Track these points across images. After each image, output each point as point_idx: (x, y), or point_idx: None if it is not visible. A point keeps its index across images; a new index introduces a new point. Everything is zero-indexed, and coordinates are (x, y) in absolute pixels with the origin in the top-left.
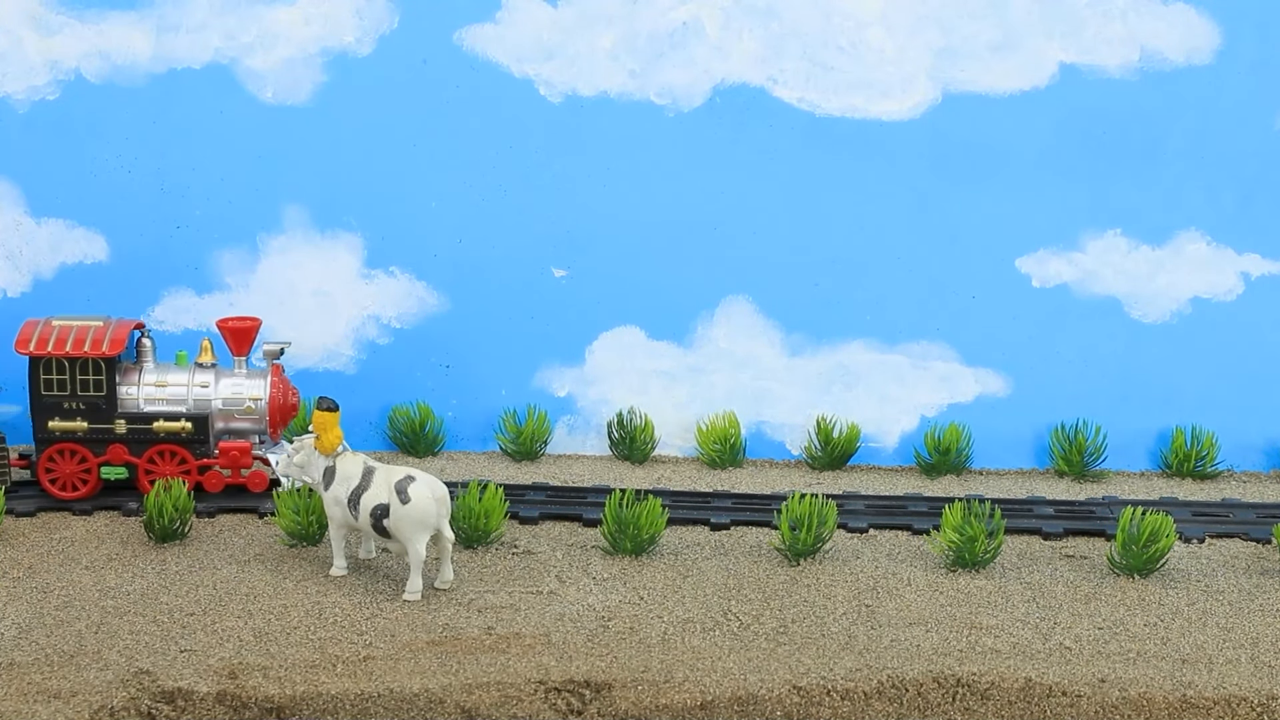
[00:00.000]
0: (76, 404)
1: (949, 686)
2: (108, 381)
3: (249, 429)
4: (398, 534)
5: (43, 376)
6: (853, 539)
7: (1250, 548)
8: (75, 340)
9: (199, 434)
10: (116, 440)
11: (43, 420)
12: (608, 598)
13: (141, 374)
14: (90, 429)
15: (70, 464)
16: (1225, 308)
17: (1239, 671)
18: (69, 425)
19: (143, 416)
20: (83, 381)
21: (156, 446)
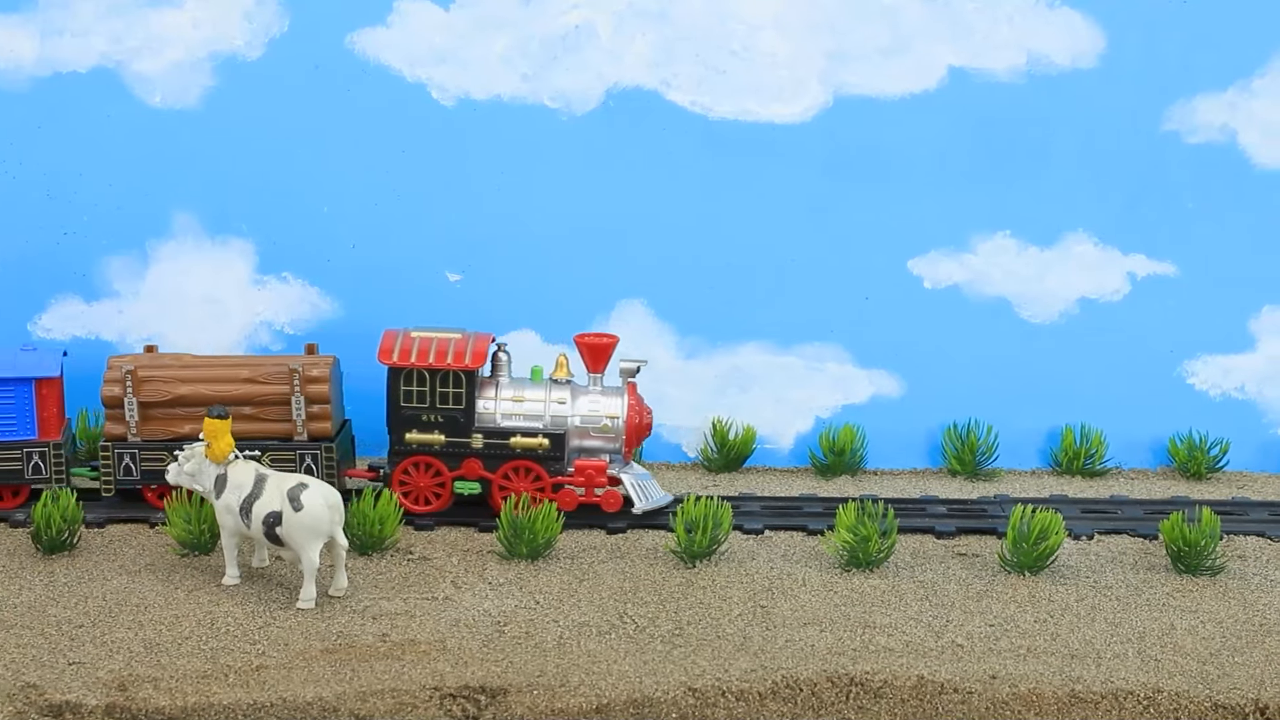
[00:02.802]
0: (435, 416)
1: (843, 686)
2: (467, 395)
3: (603, 448)
4: (291, 542)
5: (403, 388)
6: (748, 540)
7: (1137, 544)
8: (437, 352)
9: (555, 451)
10: (472, 455)
11: (400, 432)
12: (503, 602)
13: (499, 388)
14: (447, 442)
15: (425, 477)
16: (1112, 308)
17: (1126, 666)
18: (426, 438)
19: (500, 432)
20: (442, 394)
21: (512, 462)
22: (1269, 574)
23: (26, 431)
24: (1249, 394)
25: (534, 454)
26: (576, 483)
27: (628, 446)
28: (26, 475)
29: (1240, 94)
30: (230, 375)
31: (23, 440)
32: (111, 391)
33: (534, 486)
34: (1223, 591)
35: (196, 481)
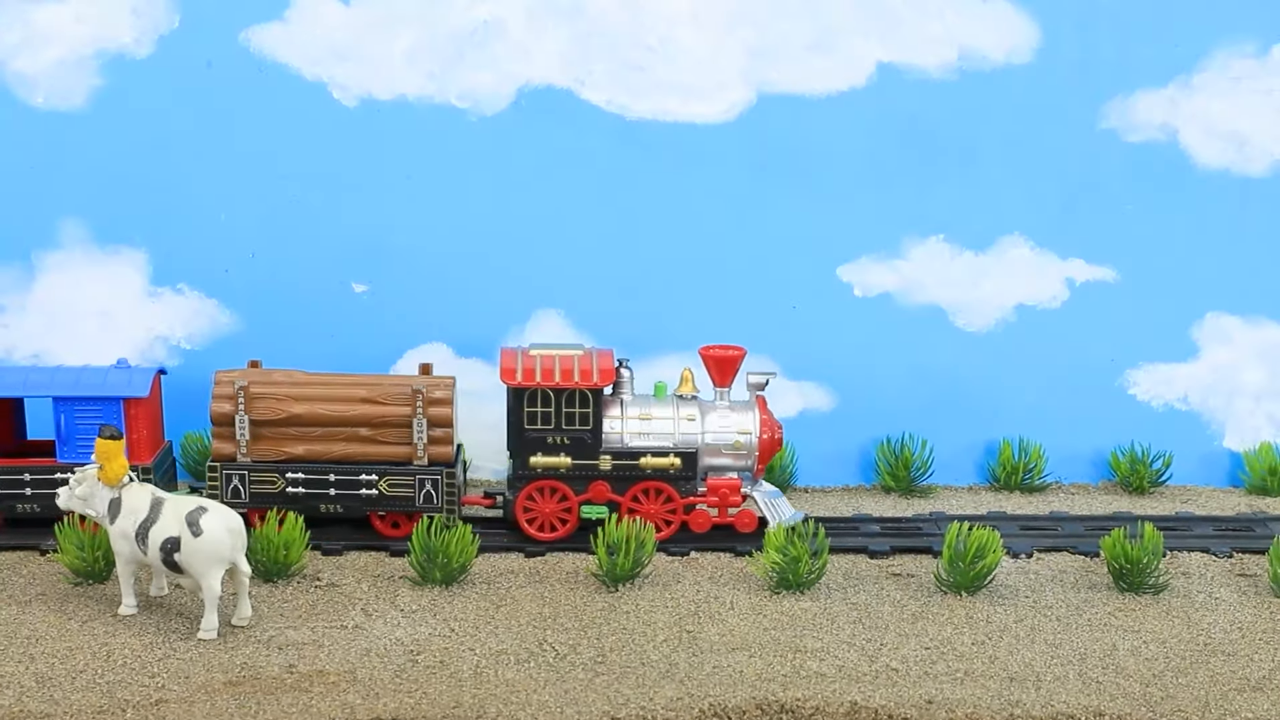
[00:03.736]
0: (561, 439)
1: (772, 713)
2: (594, 415)
3: (734, 465)
4: (190, 569)
5: (526, 409)
6: (673, 563)
7: (1078, 561)
8: (562, 371)
9: (687, 471)
10: (600, 477)
11: (524, 457)
12: (416, 630)
13: (624, 407)
14: (574, 465)
15: (550, 503)
16: (1050, 315)
17: (1066, 688)
18: (552, 461)
19: (628, 452)
20: (568, 415)
21: (641, 484)
22: (1213, 591)
23: None
24: (1192, 404)
25: (665, 474)
26: (709, 503)
27: (760, 463)
28: None
29: (1181, 90)
30: (346, 395)
31: None
32: (222, 408)
33: (665, 508)
34: (1166, 610)
35: (89, 506)
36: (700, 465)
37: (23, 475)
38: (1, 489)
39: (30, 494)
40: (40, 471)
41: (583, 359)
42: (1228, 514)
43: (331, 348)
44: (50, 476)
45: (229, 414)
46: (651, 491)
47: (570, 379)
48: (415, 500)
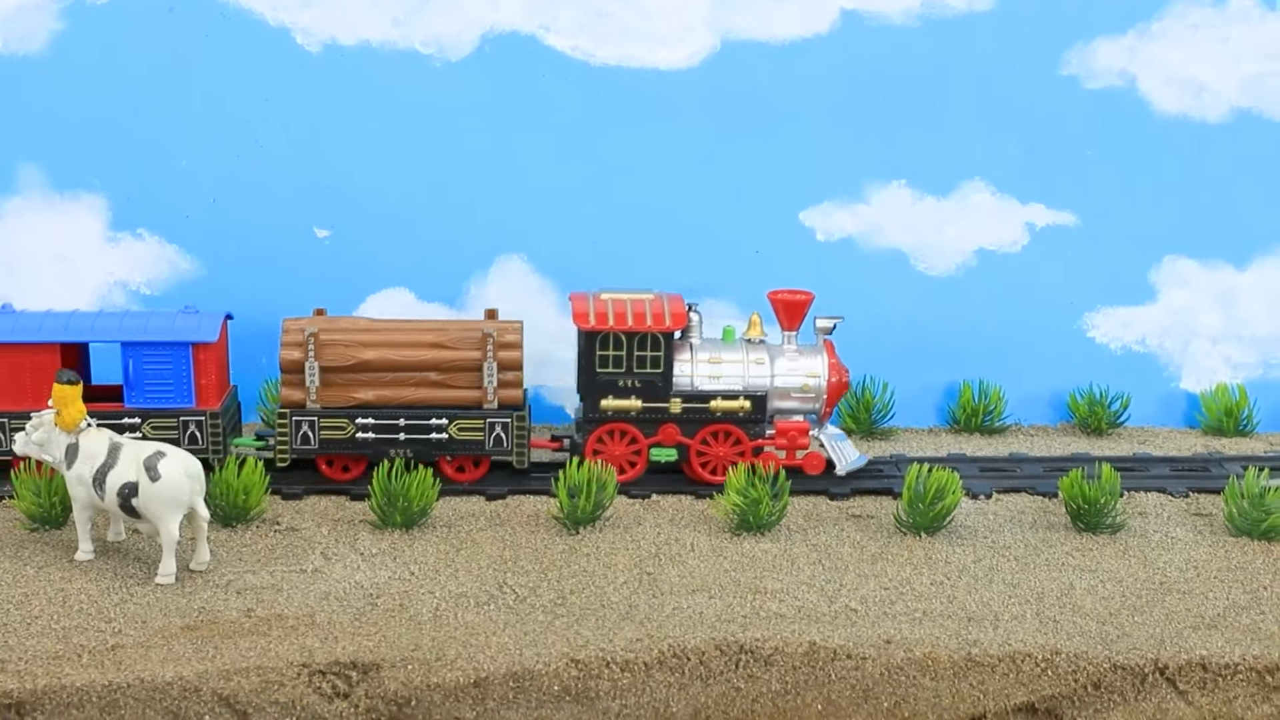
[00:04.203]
0: (631, 382)
1: (732, 653)
2: (665, 358)
3: (802, 408)
4: (148, 514)
5: (598, 353)
6: (634, 505)
7: (1037, 502)
8: (634, 314)
9: (756, 413)
10: (669, 420)
11: (595, 399)
12: (376, 574)
13: (694, 351)
14: (644, 408)
15: (620, 445)
16: (1010, 259)
17: (1024, 627)
18: (622, 404)
19: (698, 395)
20: (639, 358)
21: (711, 426)
22: (1170, 531)
23: (183, 399)
24: (1150, 347)
25: (734, 417)
26: (777, 445)
27: (828, 406)
28: (182, 444)
29: (1140, 38)
30: (416, 340)
31: (179, 408)
32: (291, 355)
33: (734, 451)
34: (1123, 549)
35: (46, 451)
36: (769, 408)
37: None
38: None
39: None
40: (108, 416)
41: (654, 303)
42: (1184, 454)
43: (294, 293)
44: (118, 421)
45: (298, 361)
46: (720, 434)
47: (642, 322)
48: (485, 444)
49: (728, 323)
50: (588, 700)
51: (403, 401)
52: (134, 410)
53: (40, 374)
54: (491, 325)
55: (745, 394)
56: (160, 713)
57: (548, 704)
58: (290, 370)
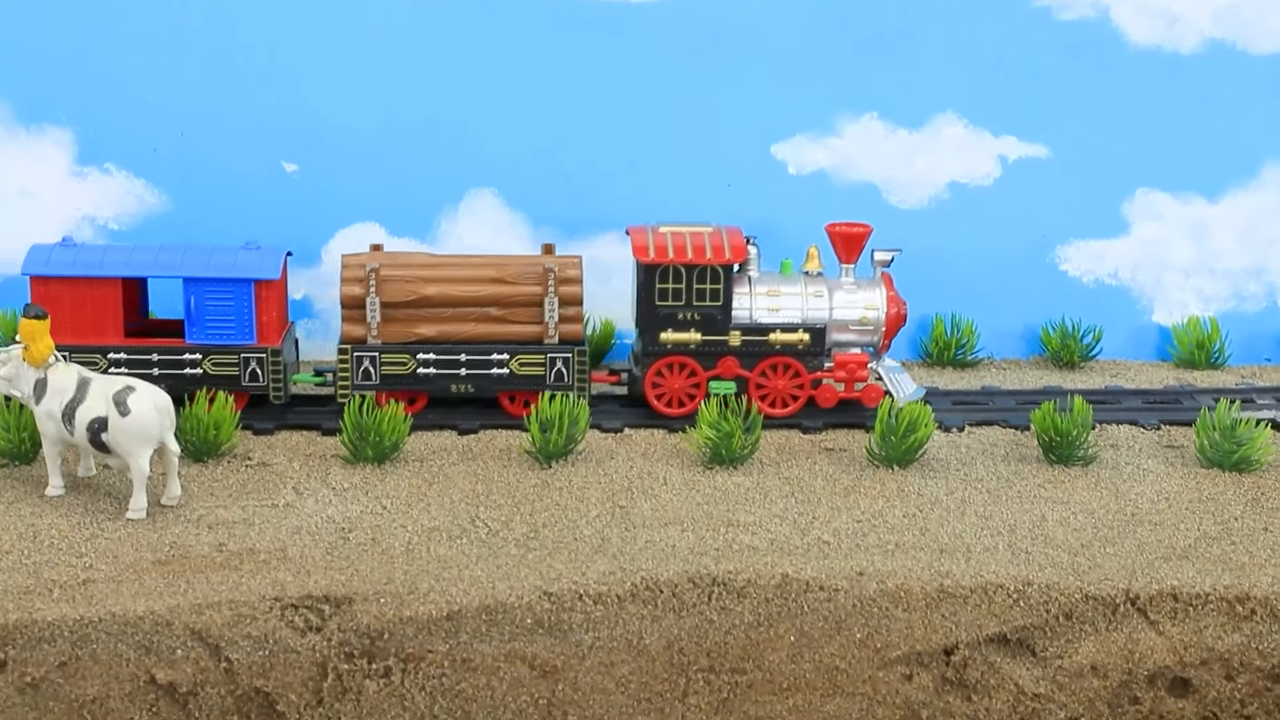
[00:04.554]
0: (691, 315)
1: (705, 586)
2: (724, 291)
3: (860, 341)
4: (118, 449)
5: (658, 286)
6: (606, 439)
7: (1009, 435)
8: (694, 247)
9: (815, 346)
10: (729, 354)
11: (654, 333)
12: (348, 508)
13: (752, 284)
14: (703, 341)
15: (679, 379)
16: (983, 192)
17: (996, 559)
18: (681, 338)
19: (758, 328)
20: (699, 291)
21: (770, 360)
22: (1141, 463)
23: (244, 336)
24: (1122, 280)
25: (793, 350)
26: (836, 378)
27: (886, 339)
28: (243, 382)
29: None
30: (476, 275)
31: (240, 345)
32: (352, 291)
33: (792, 384)
34: (1095, 481)
35: (14, 387)
36: (827, 341)
37: (151, 355)
38: (130, 369)
39: (158, 374)
40: (169, 352)
41: (713, 236)
42: (1156, 387)
43: (262, 228)
44: (179, 357)
45: (359, 297)
46: (779, 367)
47: (702, 255)
48: (546, 379)
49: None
50: (560, 633)
51: (463, 337)
52: (195, 346)
53: (103, 308)
54: (553, 260)
55: (804, 327)
56: (132, 647)
57: (520, 636)
58: (351, 306)
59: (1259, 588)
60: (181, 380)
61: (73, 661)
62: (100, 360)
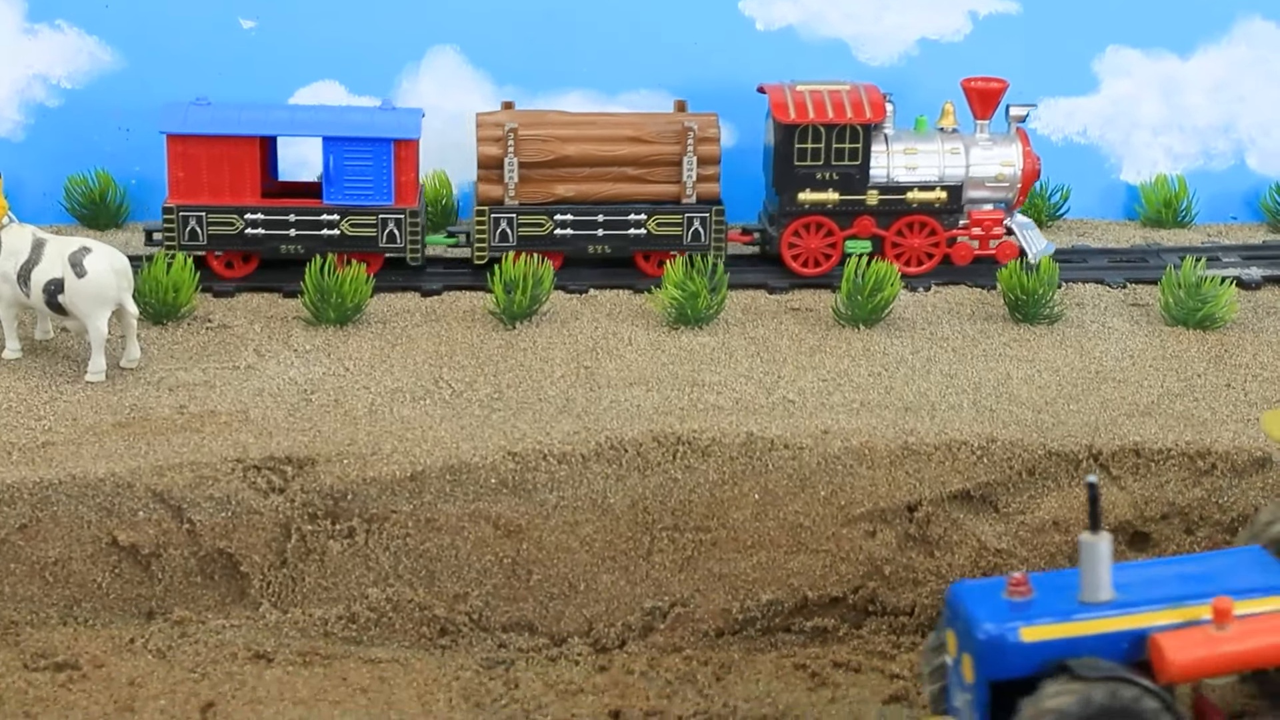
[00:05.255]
0: (829, 174)
1: (669, 445)
2: (864, 150)
3: (995, 198)
4: (75, 311)
5: (796, 145)
6: (571, 300)
7: (975, 294)
8: (834, 106)
9: (952, 204)
10: (865, 213)
11: (792, 193)
12: (310, 370)
13: (889, 142)
14: (841, 201)
15: (815, 238)
16: (952, 48)
17: (961, 416)
18: (819, 197)
19: (895, 187)
20: (838, 150)
21: (906, 218)
22: (1106, 321)
23: (382, 197)
24: (1091, 138)
25: (929, 208)
26: (971, 235)
27: (1020, 195)
28: (381, 244)
29: None
30: (613, 134)
31: (378, 206)
32: (489, 151)
33: (929, 242)
34: (1060, 339)
35: None
36: (964, 198)
37: (288, 216)
38: (267, 229)
39: (294, 235)
40: (306, 213)
41: (852, 94)
42: (1122, 246)
43: (220, 86)
44: (316, 218)
45: (497, 157)
46: (915, 225)
47: (842, 114)
48: (683, 239)
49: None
50: (525, 492)
51: (601, 197)
52: (332, 207)
53: (240, 168)
54: (692, 119)
55: (941, 184)
56: (93, 509)
57: (485, 496)
58: (488, 166)
59: (1220, 443)
60: (318, 242)
61: (33, 524)
62: (237, 221)
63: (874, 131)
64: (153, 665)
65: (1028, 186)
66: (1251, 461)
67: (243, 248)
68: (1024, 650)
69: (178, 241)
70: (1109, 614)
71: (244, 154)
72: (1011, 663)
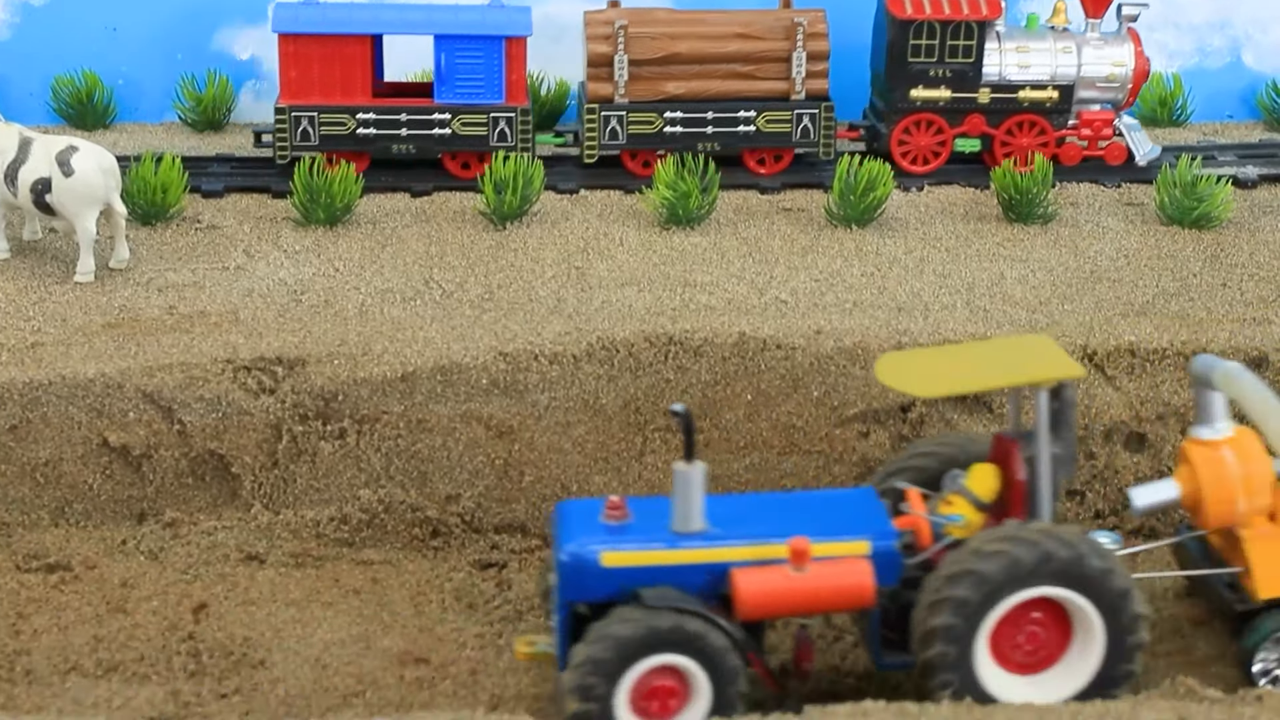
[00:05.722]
0: (942, 71)
1: (661, 345)
2: (977, 47)
3: (1105, 98)
4: (63, 210)
5: (911, 42)
6: (562, 200)
7: (968, 193)
8: (949, 2)
9: (1063, 104)
10: (976, 111)
11: (904, 89)
12: (300, 271)
13: (1001, 39)
14: (952, 98)
15: (925, 136)
16: None
17: (954, 316)
18: (931, 94)
19: (1007, 85)
20: (951, 48)
21: (1016, 117)
22: (1101, 220)
23: (493, 95)
24: None
25: (1040, 107)
26: (1081, 135)
27: (1130, 96)
28: (491, 142)
29: None
30: (722, 31)
31: (489, 104)
32: (599, 49)
33: (1038, 141)
34: (1054, 239)
35: None
36: (1074, 98)
37: (399, 115)
38: (379, 129)
39: (406, 135)
40: (418, 112)
41: None
42: None
43: None
44: (428, 117)
45: (607, 55)
46: (1025, 125)
47: (958, 10)
48: (792, 136)
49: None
50: (516, 393)
51: (710, 94)
52: (444, 106)
53: (351, 67)
54: (801, 15)
55: (1053, 84)
56: (84, 409)
57: (476, 397)
58: (598, 64)
59: (1216, 342)
60: (430, 141)
61: (24, 425)
62: (349, 121)
63: (987, 29)
64: (145, 566)
65: (1138, 88)
66: (1248, 361)
67: (354, 148)
68: (603, 575)
69: (290, 143)
70: (692, 545)
71: (356, 53)
72: (591, 586)
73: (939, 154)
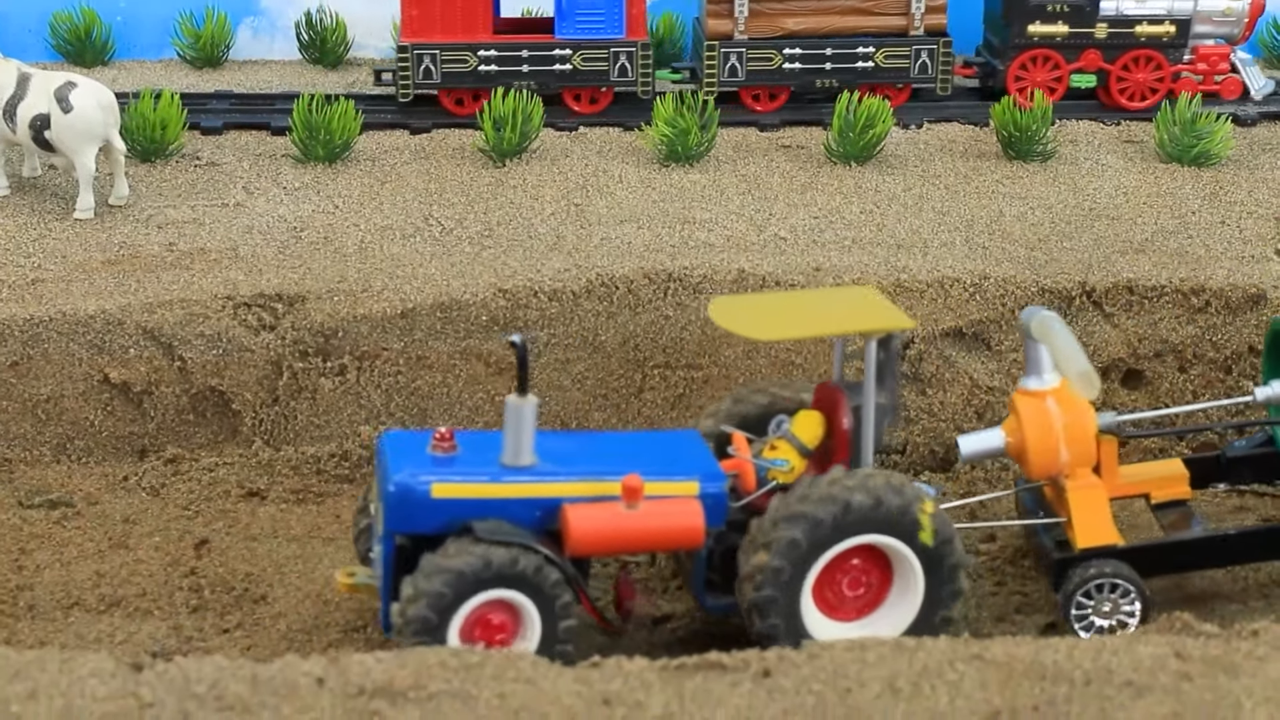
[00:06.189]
0: (1060, 6)
1: (660, 282)
2: None
3: (1219, 33)
4: (62, 146)
5: None
6: (561, 138)
7: (968, 131)
8: None
9: (1179, 39)
10: (1092, 46)
11: (1022, 25)
12: (299, 208)
13: None
14: (1069, 34)
15: (1042, 71)
16: None
17: (953, 253)
18: (1048, 30)
19: (1124, 20)
20: None
21: (1132, 52)
22: (1100, 158)
23: (614, 30)
24: None
25: (1157, 42)
26: (1197, 70)
27: (1247, 30)
28: (611, 77)
29: None
30: None
31: (610, 39)
32: None
33: (1154, 77)
34: (1053, 177)
35: None
36: (1190, 33)
37: (520, 52)
38: (500, 66)
39: (527, 70)
40: (539, 48)
41: None
42: None
43: None
44: (549, 53)
45: None
46: (1141, 60)
47: None
48: (910, 71)
49: None
50: (516, 329)
51: (829, 30)
52: (565, 42)
53: (473, 4)
54: None
55: (1170, 18)
56: (84, 346)
57: (476, 334)
58: (717, 1)
59: (1214, 280)
60: (550, 77)
61: (25, 361)
62: (470, 58)
63: None
64: (146, 502)
65: (1254, 22)
66: (1246, 299)
67: (475, 85)
68: (433, 506)
69: (412, 80)
70: (522, 480)
71: None
72: (419, 518)
73: (1055, 90)
